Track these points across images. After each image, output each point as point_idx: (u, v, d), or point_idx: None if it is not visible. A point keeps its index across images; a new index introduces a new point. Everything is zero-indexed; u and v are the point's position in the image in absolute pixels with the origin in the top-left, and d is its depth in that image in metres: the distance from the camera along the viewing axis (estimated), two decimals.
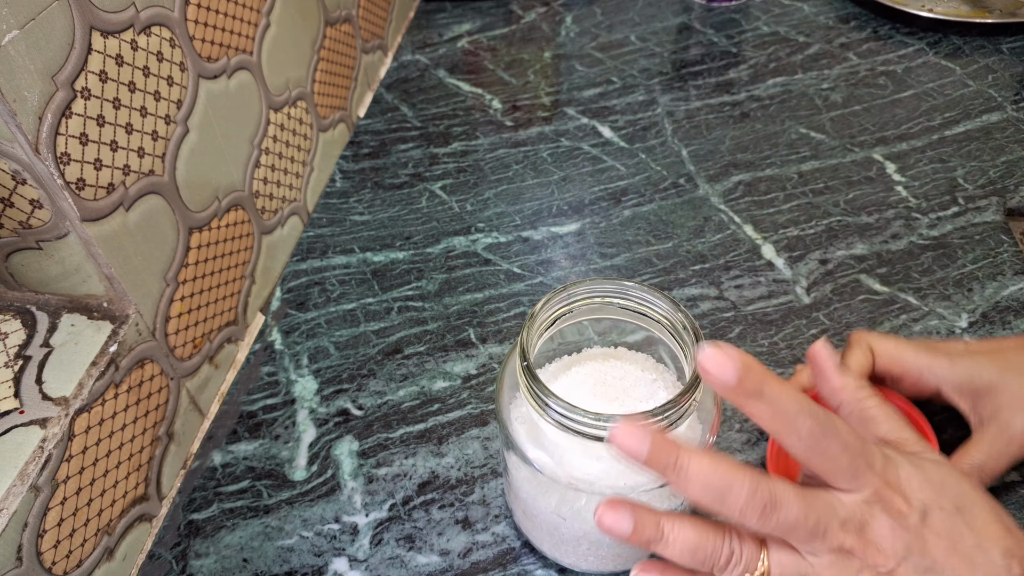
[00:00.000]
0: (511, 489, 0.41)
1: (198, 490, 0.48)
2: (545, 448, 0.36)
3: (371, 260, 0.62)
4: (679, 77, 0.81)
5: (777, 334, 0.55)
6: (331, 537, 0.45)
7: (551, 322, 0.38)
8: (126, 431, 0.43)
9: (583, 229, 0.64)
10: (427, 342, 0.56)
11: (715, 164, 0.69)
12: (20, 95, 0.34)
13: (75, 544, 0.39)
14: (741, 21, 0.89)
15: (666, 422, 0.33)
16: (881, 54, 0.82)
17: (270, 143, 0.58)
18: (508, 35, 0.89)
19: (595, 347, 0.43)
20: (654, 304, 0.37)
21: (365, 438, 0.50)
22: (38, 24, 0.34)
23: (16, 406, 0.38)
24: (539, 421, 0.36)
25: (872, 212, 0.64)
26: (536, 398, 0.34)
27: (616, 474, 0.36)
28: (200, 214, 0.49)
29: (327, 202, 0.67)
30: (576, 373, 0.41)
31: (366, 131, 0.75)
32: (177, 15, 0.45)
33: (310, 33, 0.64)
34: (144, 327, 0.44)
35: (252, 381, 0.54)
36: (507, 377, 0.39)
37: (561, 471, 0.36)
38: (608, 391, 0.40)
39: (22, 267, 0.41)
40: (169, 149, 0.45)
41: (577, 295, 0.38)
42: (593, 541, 0.39)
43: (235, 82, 0.52)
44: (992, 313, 0.55)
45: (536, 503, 0.38)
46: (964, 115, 0.73)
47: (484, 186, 0.68)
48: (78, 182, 0.38)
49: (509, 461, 0.39)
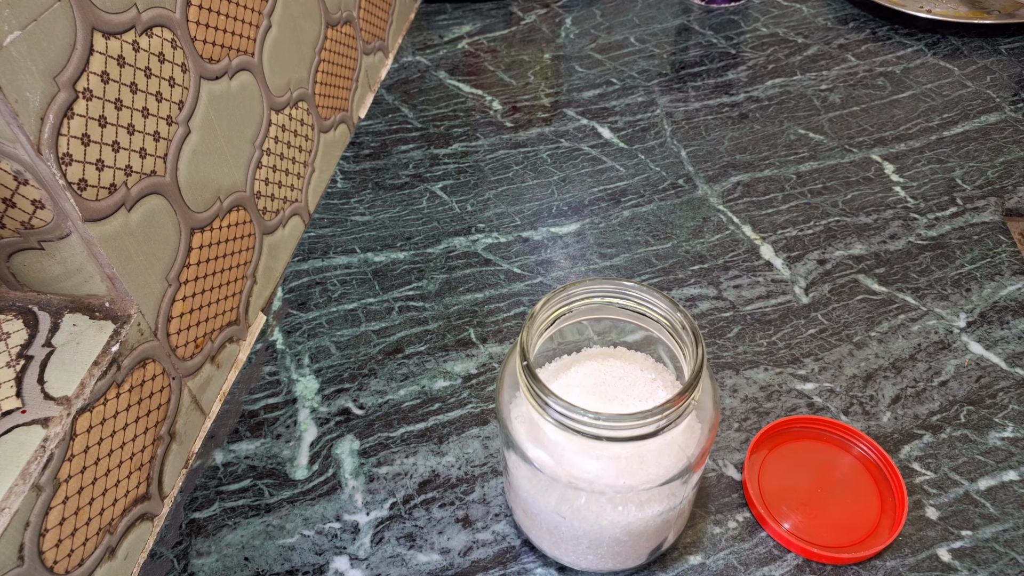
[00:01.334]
0: (511, 488, 0.41)
1: (200, 489, 0.48)
2: (545, 447, 0.37)
3: (372, 260, 0.62)
4: (678, 78, 0.81)
5: (776, 334, 0.55)
6: (332, 536, 0.45)
7: (551, 322, 0.38)
8: (128, 430, 0.43)
9: (583, 229, 0.64)
10: (428, 342, 0.56)
11: (714, 165, 0.69)
12: (22, 96, 0.34)
13: (77, 543, 0.39)
14: (740, 22, 0.89)
15: (665, 421, 0.33)
16: (879, 55, 0.82)
17: (271, 144, 0.58)
18: (508, 37, 0.89)
19: (595, 347, 0.43)
20: (653, 304, 0.38)
21: (366, 437, 0.50)
22: (40, 25, 0.35)
23: (18, 405, 0.38)
24: (539, 420, 0.36)
25: (870, 212, 0.64)
26: (536, 397, 0.34)
27: (615, 473, 0.36)
28: (202, 214, 0.49)
29: (328, 202, 0.68)
30: (576, 373, 0.41)
31: (367, 132, 0.75)
32: (178, 16, 0.45)
33: (311, 34, 0.64)
34: (146, 327, 0.44)
35: (253, 380, 0.54)
36: (507, 376, 0.39)
37: (561, 470, 0.36)
38: (607, 390, 0.40)
39: (24, 267, 0.41)
40: (171, 150, 0.45)
41: (577, 295, 0.38)
42: (592, 540, 0.39)
43: (236, 83, 0.52)
44: (990, 313, 0.55)
45: (536, 502, 0.39)
46: (962, 116, 0.73)
47: (484, 187, 0.69)
48: (80, 182, 0.38)
49: (509, 460, 0.39)
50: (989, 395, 0.50)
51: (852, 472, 0.46)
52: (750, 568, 0.43)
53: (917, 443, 0.48)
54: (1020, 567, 0.42)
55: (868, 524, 0.44)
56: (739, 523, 0.45)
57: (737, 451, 0.48)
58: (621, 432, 0.33)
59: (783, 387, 0.51)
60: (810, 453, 0.47)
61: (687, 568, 0.43)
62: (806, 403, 0.50)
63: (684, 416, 0.34)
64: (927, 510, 0.45)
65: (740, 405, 0.50)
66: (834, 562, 0.42)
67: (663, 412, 0.33)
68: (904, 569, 0.42)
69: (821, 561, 0.43)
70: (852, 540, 0.43)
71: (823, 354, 0.53)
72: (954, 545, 0.43)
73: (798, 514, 0.44)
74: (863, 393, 0.51)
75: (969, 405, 0.50)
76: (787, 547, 0.43)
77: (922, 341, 0.54)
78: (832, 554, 0.42)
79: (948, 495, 0.45)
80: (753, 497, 0.45)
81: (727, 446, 0.48)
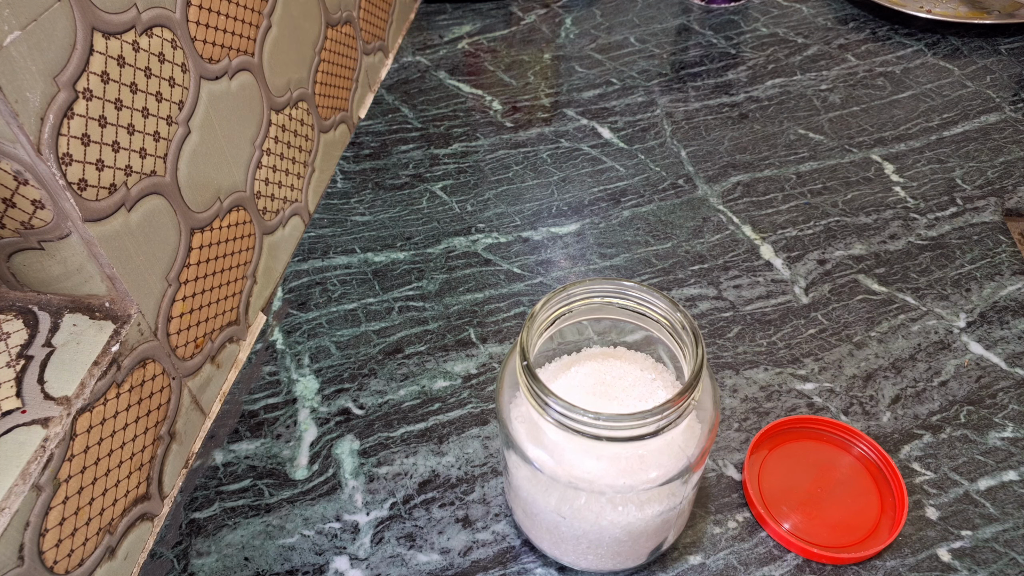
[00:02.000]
0: (511, 488, 0.41)
1: (200, 489, 0.48)
2: (545, 447, 0.37)
3: (372, 260, 0.62)
4: (678, 78, 0.81)
5: (775, 334, 0.55)
6: (332, 536, 0.45)
7: (551, 322, 0.38)
8: (128, 430, 0.43)
9: (583, 229, 0.64)
10: (428, 342, 0.56)
11: (714, 165, 0.70)
12: (22, 96, 0.34)
13: (77, 543, 0.39)
14: (740, 22, 0.89)
15: (665, 422, 0.33)
16: (879, 55, 0.82)
17: (271, 144, 0.58)
18: (508, 37, 0.89)
19: (595, 347, 0.43)
20: (653, 304, 0.38)
21: (366, 437, 0.50)
22: (40, 25, 0.35)
23: (18, 406, 0.38)
24: (539, 420, 0.36)
25: (870, 212, 0.64)
26: (536, 398, 0.34)
27: (616, 473, 0.36)
28: (202, 214, 0.49)
29: (328, 202, 0.68)
30: (576, 373, 0.41)
31: (367, 132, 0.75)
32: (178, 16, 0.45)
33: (311, 34, 0.64)
34: (146, 327, 0.44)
35: (253, 380, 0.54)
36: (507, 377, 0.39)
37: (561, 470, 0.36)
38: (608, 390, 0.40)
39: (24, 267, 0.41)
40: (171, 150, 0.45)
41: (577, 295, 0.38)
42: (593, 540, 0.39)
43: (236, 83, 0.52)
44: (990, 313, 0.55)
45: (536, 502, 0.39)
46: (962, 116, 0.73)
47: (484, 187, 0.69)
48: (80, 183, 0.38)
49: (509, 460, 0.39)
50: (989, 395, 0.50)
51: (852, 472, 0.46)
52: (750, 568, 0.43)
53: (917, 443, 0.48)
54: (1020, 567, 0.42)
55: (868, 524, 0.44)
56: (739, 523, 0.45)
57: (737, 451, 0.48)
58: (621, 432, 0.33)
59: (783, 387, 0.51)
60: (810, 453, 0.47)
61: (687, 568, 0.43)
62: (806, 403, 0.50)
63: (684, 416, 0.34)
64: (927, 510, 0.45)
65: (740, 405, 0.50)
66: (834, 562, 0.42)
67: (663, 412, 0.33)
68: (904, 569, 0.42)
69: (821, 561, 0.43)
70: (852, 540, 0.43)
71: (823, 354, 0.53)
72: (954, 545, 0.43)
73: (798, 514, 0.44)
74: (863, 393, 0.51)
75: (969, 405, 0.50)
76: (787, 547, 0.43)
77: (922, 341, 0.54)
78: (832, 554, 0.42)
79: (948, 495, 0.45)
80: (753, 497, 0.45)
81: (727, 446, 0.48)
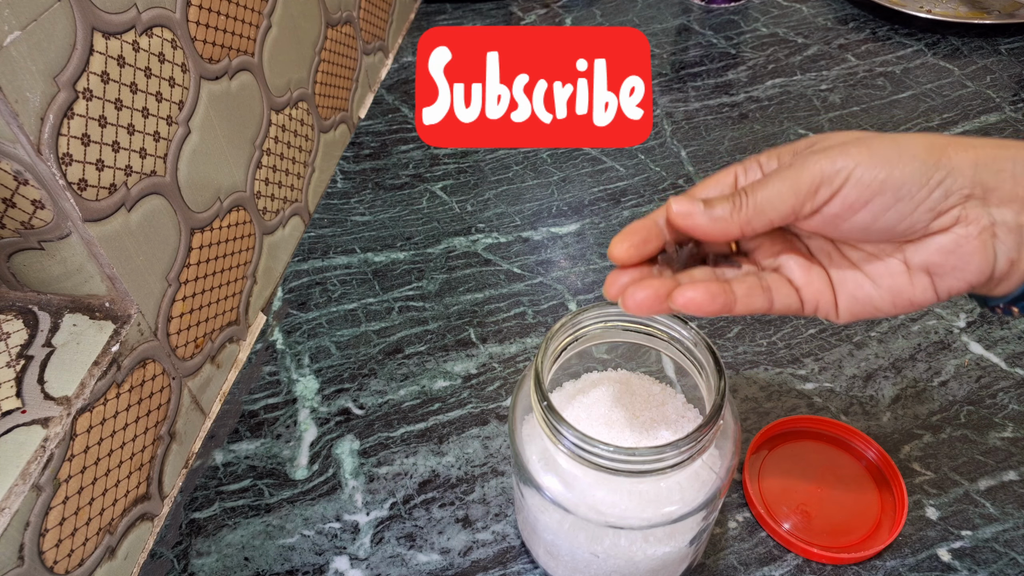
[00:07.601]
0: (529, 527, 0.40)
1: (200, 489, 0.48)
2: (566, 482, 0.36)
3: (372, 260, 0.62)
4: (678, 78, 0.81)
5: (775, 334, 0.55)
6: (332, 536, 0.45)
7: (562, 349, 0.37)
8: (128, 430, 0.43)
9: (583, 230, 0.64)
10: (428, 342, 0.56)
11: (714, 165, 0.69)
12: (22, 96, 0.34)
13: (77, 543, 0.39)
14: (740, 22, 0.89)
15: (697, 448, 0.32)
16: (879, 55, 0.82)
17: (271, 144, 0.58)
18: None
19: (608, 370, 0.42)
20: (667, 327, 0.37)
21: (366, 437, 0.50)
22: (40, 25, 0.35)
23: (18, 406, 0.38)
24: (569, 464, 0.35)
25: None
26: (554, 430, 0.33)
27: (645, 504, 0.35)
28: (202, 214, 0.49)
29: (328, 203, 0.68)
30: (589, 397, 0.40)
31: (367, 132, 0.75)
32: (179, 16, 0.45)
33: (311, 34, 0.64)
34: (146, 327, 0.44)
35: (254, 380, 0.54)
36: (520, 400, 0.38)
37: (590, 510, 0.35)
38: (623, 414, 0.39)
39: (24, 267, 0.41)
40: (171, 150, 0.45)
41: (586, 322, 0.37)
42: (626, 573, 0.38)
43: (236, 83, 0.52)
44: (990, 313, 0.55)
45: (566, 543, 0.38)
46: (962, 116, 0.73)
47: (484, 187, 0.69)
48: (80, 183, 0.38)
49: (530, 501, 0.38)
50: (989, 395, 0.50)
51: (852, 472, 0.46)
52: (750, 568, 0.43)
53: (917, 443, 0.48)
54: (1020, 567, 0.42)
55: (868, 524, 0.44)
56: (739, 523, 0.45)
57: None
58: (657, 464, 0.33)
59: (783, 387, 0.51)
60: (810, 453, 0.47)
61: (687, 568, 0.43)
62: (806, 403, 0.50)
63: (712, 441, 0.34)
64: (927, 510, 0.45)
65: (740, 405, 0.50)
66: (834, 562, 0.42)
67: (695, 441, 0.32)
68: (904, 569, 0.42)
69: (821, 561, 0.43)
70: (852, 540, 0.43)
71: (823, 354, 0.53)
72: (954, 545, 0.43)
73: (798, 514, 0.44)
74: (863, 393, 0.51)
75: (969, 405, 0.50)
76: (787, 547, 0.43)
77: (922, 341, 0.54)
78: (832, 554, 0.42)
79: (948, 495, 0.45)
80: (753, 497, 0.45)
81: None
